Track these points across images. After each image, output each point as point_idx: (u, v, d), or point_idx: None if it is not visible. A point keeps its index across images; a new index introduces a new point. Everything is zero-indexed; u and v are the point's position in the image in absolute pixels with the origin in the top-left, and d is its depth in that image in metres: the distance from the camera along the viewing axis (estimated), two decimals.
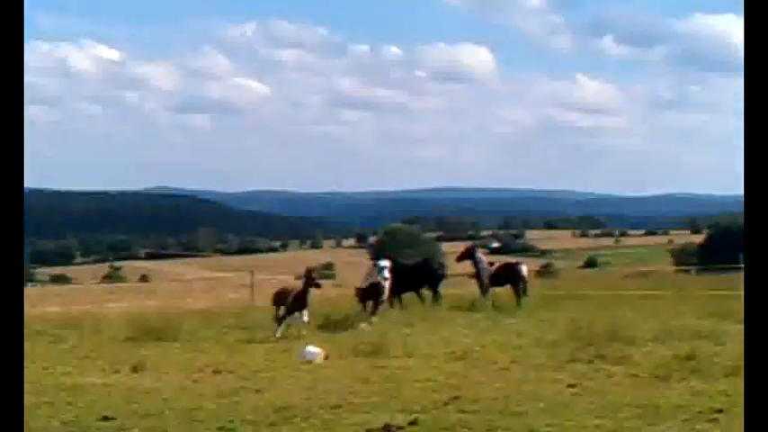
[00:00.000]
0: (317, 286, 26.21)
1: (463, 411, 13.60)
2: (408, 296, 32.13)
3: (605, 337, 20.33)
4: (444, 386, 15.86)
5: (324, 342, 21.58)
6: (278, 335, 24.41)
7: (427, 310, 30.06)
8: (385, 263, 28.37)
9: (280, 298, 26.09)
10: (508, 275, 31.77)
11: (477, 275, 32.50)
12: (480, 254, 33.17)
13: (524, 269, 32.18)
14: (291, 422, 13.15)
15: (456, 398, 14.57)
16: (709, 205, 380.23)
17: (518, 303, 30.52)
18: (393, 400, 14.66)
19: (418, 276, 32.51)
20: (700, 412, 12.91)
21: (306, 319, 25.15)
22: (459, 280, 39.67)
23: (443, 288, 32.92)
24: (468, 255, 33.00)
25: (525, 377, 16.57)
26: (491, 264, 32.68)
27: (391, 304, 30.33)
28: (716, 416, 12.65)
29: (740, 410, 12.92)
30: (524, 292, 31.35)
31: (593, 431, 12.10)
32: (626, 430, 12.08)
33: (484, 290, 31.99)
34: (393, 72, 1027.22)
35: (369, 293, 28.25)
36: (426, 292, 32.30)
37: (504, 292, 32.18)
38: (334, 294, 36.14)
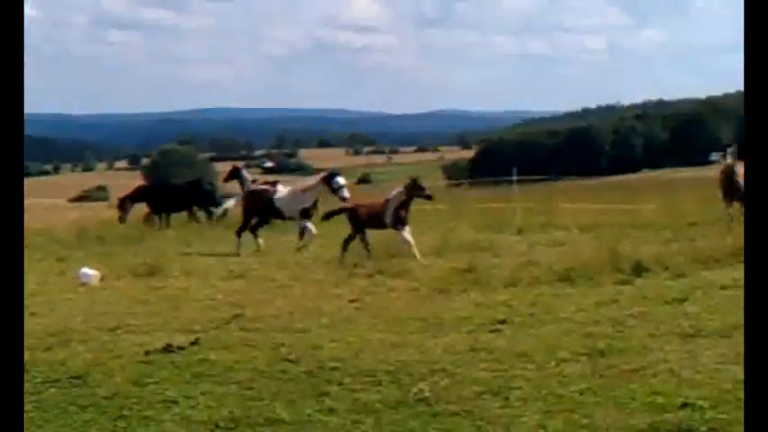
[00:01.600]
0: (429, 198, 22.49)
1: (245, 329, 13.40)
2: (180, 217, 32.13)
3: (384, 251, 20.35)
4: (225, 305, 15.60)
5: (99, 263, 20.97)
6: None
7: (204, 229, 29.69)
8: (341, 179, 24.27)
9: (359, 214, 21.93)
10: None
11: None
12: (246, 173, 32.91)
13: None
14: (68, 346, 12.70)
15: (237, 316, 14.35)
16: (477, 121, 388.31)
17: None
18: (173, 320, 14.35)
19: (189, 196, 32.34)
20: (482, 323, 13.00)
21: (408, 237, 21.35)
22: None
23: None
24: (234, 174, 32.61)
25: (306, 294, 16.41)
26: (254, 182, 32.47)
27: (158, 223, 30.17)
28: (498, 326, 12.75)
29: (522, 320, 13.15)
30: None
31: (376, 345, 12.02)
32: (410, 343, 12.03)
33: None
34: None
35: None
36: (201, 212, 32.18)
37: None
38: (109, 215, 35.17)
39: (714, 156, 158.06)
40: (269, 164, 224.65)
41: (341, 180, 24.16)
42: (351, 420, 9.01)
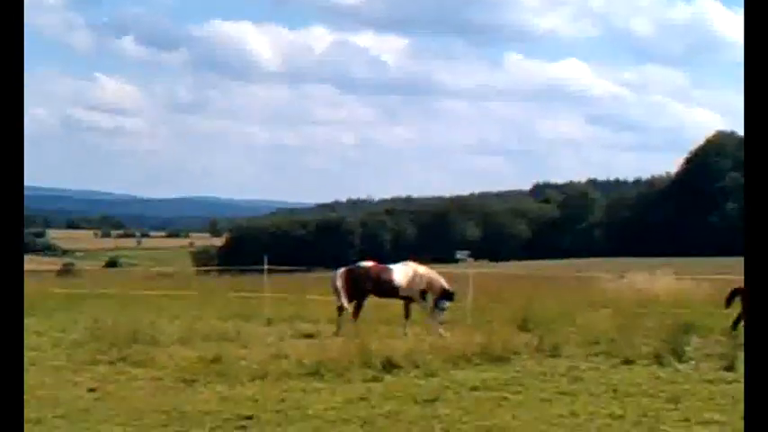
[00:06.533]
0: None
1: None
2: None
3: (128, 338, 19.62)
4: None
5: None
6: None
7: None
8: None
9: None
10: None
11: None
12: None
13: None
14: None
15: None
16: (229, 208, 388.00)
17: None
18: None
19: None
20: (227, 419, 12.55)
21: None
22: None
23: None
24: None
25: (43, 381, 15.59)
26: None
27: None
28: (244, 423, 12.34)
29: (270, 416, 12.70)
30: None
31: None
32: None
33: None
34: None
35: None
36: None
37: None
38: None
39: (460, 254, 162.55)
40: None
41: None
42: None
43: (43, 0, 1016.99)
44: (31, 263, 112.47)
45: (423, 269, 23.61)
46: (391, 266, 23.57)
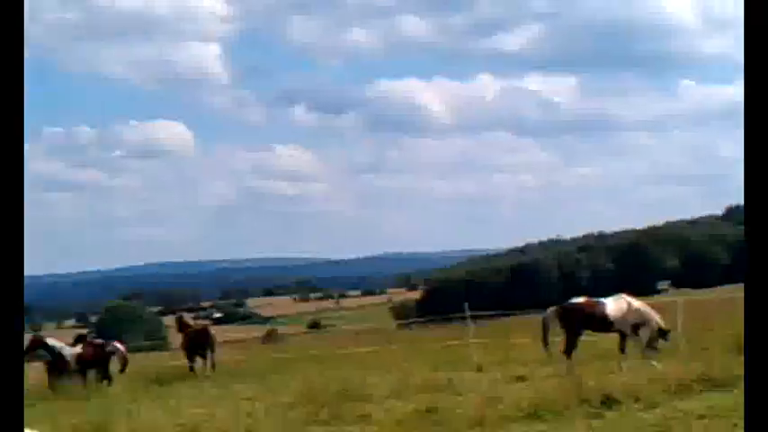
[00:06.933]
0: None
1: None
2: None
3: (340, 396, 19.56)
4: None
5: (42, 424, 19.97)
6: None
7: (151, 381, 28.78)
8: None
9: None
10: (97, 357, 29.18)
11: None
12: (54, 340, 30.38)
13: (120, 347, 29.84)
14: None
15: None
16: (419, 262, 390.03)
17: (109, 384, 28.19)
18: None
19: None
20: None
21: None
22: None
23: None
24: (37, 345, 30.05)
25: None
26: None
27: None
28: None
29: None
30: (122, 370, 29.03)
31: None
32: None
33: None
34: (89, 152, 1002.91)
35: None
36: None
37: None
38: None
39: (661, 284, 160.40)
40: (217, 314, 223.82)
41: None
42: None
43: (212, 81, 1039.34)
44: (234, 332, 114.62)
45: (637, 303, 23.19)
46: (604, 300, 23.15)
